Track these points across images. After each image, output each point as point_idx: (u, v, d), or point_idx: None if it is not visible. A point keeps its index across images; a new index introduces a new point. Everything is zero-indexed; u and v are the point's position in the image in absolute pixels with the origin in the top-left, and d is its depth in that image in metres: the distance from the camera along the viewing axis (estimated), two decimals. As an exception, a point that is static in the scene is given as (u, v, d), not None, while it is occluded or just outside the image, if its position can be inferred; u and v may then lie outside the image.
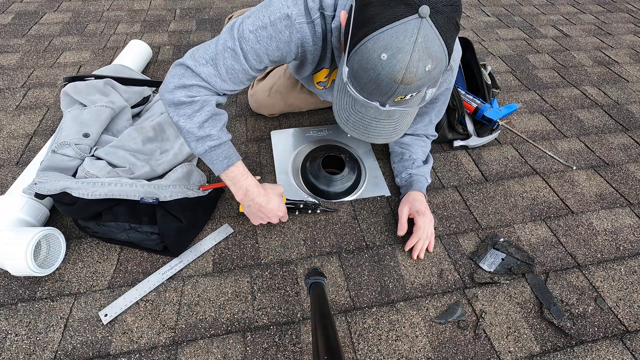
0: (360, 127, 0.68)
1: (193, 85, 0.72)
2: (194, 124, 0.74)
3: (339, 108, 0.69)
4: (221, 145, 0.77)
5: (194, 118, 0.73)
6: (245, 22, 0.71)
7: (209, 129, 0.75)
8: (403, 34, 0.52)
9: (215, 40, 0.74)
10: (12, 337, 0.72)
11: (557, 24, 1.98)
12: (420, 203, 0.92)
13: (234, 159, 0.79)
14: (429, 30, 0.52)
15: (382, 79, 0.56)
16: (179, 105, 0.73)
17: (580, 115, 1.36)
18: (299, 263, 0.87)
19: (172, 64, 0.75)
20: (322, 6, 0.70)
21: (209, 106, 0.75)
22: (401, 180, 1.01)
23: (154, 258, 0.86)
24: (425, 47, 0.53)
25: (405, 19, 0.52)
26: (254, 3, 1.99)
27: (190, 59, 0.74)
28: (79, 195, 0.80)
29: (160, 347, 0.72)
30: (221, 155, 0.78)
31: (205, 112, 0.74)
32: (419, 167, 1.00)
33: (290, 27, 0.70)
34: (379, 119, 0.66)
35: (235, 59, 0.72)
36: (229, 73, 0.73)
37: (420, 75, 0.55)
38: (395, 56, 0.53)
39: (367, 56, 0.55)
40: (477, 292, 0.84)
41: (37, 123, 1.18)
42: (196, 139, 0.75)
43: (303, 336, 0.75)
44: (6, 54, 1.49)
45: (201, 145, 0.76)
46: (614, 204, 1.05)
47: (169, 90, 0.73)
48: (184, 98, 0.72)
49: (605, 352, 0.75)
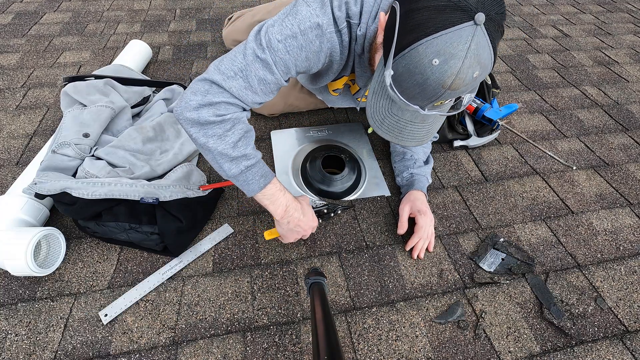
0: (394, 130, 0.68)
1: (220, 102, 0.66)
2: (228, 145, 0.67)
3: (374, 111, 0.68)
4: (257, 163, 0.72)
5: (226, 138, 0.67)
6: (270, 31, 0.66)
7: (243, 148, 0.69)
8: (457, 40, 0.52)
9: (241, 51, 0.67)
10: (12, 337, 0.72)
11: (557, 24, 1.98)
12: (422, 202, 0.92)
13: (270, 176, 0.74)
14: (482, 37, 0.52)
15: (429, 83, 0.56)
16: (206, 125, 0.66)
17: (580, 115, 1.36)
18: (299, 263, 0.87)
19: (193, 81, 0.68)
20: (348, 14, 0.68)
21: (241, 124, 0.69)
22: (402, 180, 1.01)
23: (154, 258, 0.86)
24: (476, 54, 0.53)
25: (460, 26, 0.51)
26: (254, 3, 1.99)
27: (216, 72, 0.66)
28: (79, 195, 0.80)
29: (160, 347, 0.72)
30: (257, 174, 0.72)
31: (238, 130, 0.68)
32: (420, 167, 1.00)
33: (321, 36, 0.68)
34: (414, 122, 0.66)
35: (267, 69, 0.67)
36: (261, 84, 0.68)
37: (467, 82, 0.56)
38: (447, 62, 0.53)
39: (417, 60, 0.55)
40: (477, 292, 0.84)
41: (37, 123, 1.18)
42: (230, 159, 0.69)
43: (303, 336, 0.75)
44: (6, 54, 1.49)
45: (236, 166, 0.69)
46: (614, 204, 1.05)
47: (192, 108, 0.65)
48: (212, 117, 0.65)
49: (605, 352, 0.75)
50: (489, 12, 0.52)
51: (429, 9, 0.53)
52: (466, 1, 0.51)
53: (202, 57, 1.55)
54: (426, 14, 0.53)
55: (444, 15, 0.52)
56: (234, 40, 1.44)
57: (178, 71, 1.46)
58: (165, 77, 1.43)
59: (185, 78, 1.42)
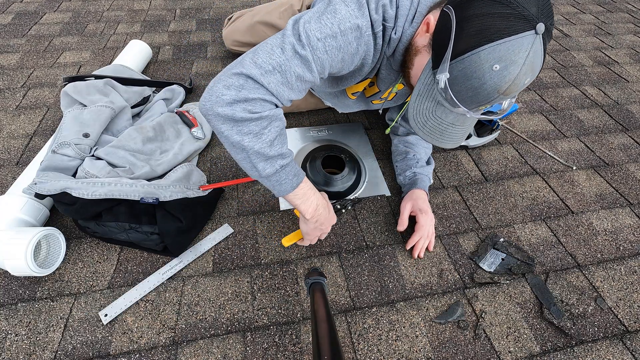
0: (436, 133, 0.70)
1: (256, 99, 0.61)
2: (264, 143, 0.64)
3: (417, 113, 0.69)
4: (291, 162, 0.70)
5: (263, 136, 0.64)
6: (308, 28, 0.62)
7: (279, 146, 0.66)
8: (519, 48, 0.54)
9: (278, 44, 0.63)
10: (12, 337, 0.72)
11: (557, 24, 1.98)
12: (423, 201, 0.92)
13: (301, 174, 0.72)
14: (539, 45, 0.55)
15: (485, 88, 0.58)
16: (241, 122, 0.62)
17: (580, 115, 1.36)
18: (299, 263, 0.87)
19: (224, 72, 0.63)
20: (385, 18, 0.68)
21: (277, 121, 0.66)
22: (404, 179, 1.01)
23: (154, 258, 0.86)
24: (532, 61, 0.56)
25: (523, 34, 0.53)
26: (254, 3, 1.99)
27: (252, 65, 0.61)
28: (79, 195, 0.80)
29: (160, 347, 0.72)
30: (290, 173, 0.70)
31: (274, 128, 0.65)
32: (423, 166, 1.00)
33: (359, 38, 0.66)
34: (455, 124, 0.68)
35: (306, 67, 0.63)
36: (298, 81, 0.64)
37: (520, 87, 0.58)
38: (507, 68, 0.55)
39: (477, 65, 0.56)
40: (477, 292, 0.84)
41: (37, 123, 1.18)
42: (265, 159, 0.66)
43: (303, 336, 0.75)
44: (6, 54, 1.49)
45: (271, 165, 0.66)
46: (614, 204, 1.05)
47: (226, 103, 0.61)
48: (247, 114, 0.61)
49: (605, 352, 0.75)
50: (547, 22, 0.54)
51: (492, 16, 0.55)
52: (528, 11, 0.53)
53: (202, 57, 1.55)
54: (489, 21, 0.55)
55: (509, 22, 0.54)
56: (234, 41, 1.44)
57: (178, 71, 1.46)
58: (165, 77, 1.43)
59: (185, 78, 1.42)
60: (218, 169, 1.07)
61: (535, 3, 0.54)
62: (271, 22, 1.26)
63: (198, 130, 1.09)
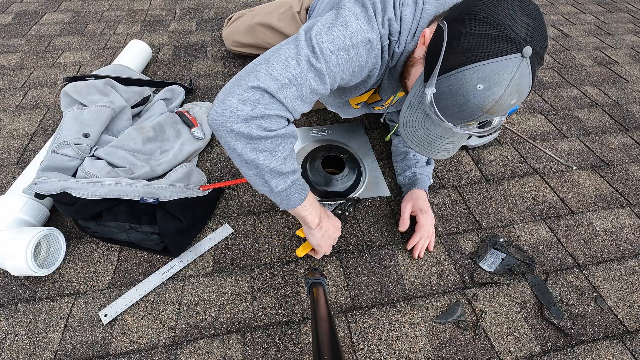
0: (424, 143, 0.70)
1: (272, 115, 0.59)
2: (279, 161, 0.63)
3: (407, 123, 0.70)
4: (300, 176, 0.69)
5: (277, 154, 0.62)
6: (320, 40, 0.61)
7: (291, 163, 0.66)
8: (503, 70, 0.54)
9: (293, 56, 0.60)
10: (12, 337, 0.72)
11: (557, 24, 1.98)
12: (423, 201, 0.92)
13: (307, 187, 0.73)
14: (525, 68, 0.55)
15: (469, 106, 0.58)
16: (256, 140, 0.59)
17: (580, 115, 1.36)
18: (299, 263, 0.87)
19: (237, 85, 0.59)
20: (390, 32, 0.68)
21: (291, 138, 0.64)
22: (404, 179, 1.01)
23: (154, 258, 0.86)
24: (518, 83, 0.55)
25: (508, 56, 0.54)
26: (254, 3, 1.99)
27: (268, 78, 0.58)
28: (79, 195, 0.80)
29: (160, 347, 0.72)
30: (299, 187, 0.70)
31: (288, 145, 0.64)
32: (423, 167, 1.01)
33: (369, 52, 0.66)
34: (444, 137, 0.68)
35: (320, 79, 0.62)
36: (312, 94, 0.63)
37: (505, 108, 0.58)
38: (491, 88, 0.55)
39: (462, 83, 0.57)
40: (477, 292, 0.84)
41: (37, 123, 1.18)
42: (279, 175, 0.65)
43: (303, 336, 0.75)
44: (6, 54, 1.49)
45: (283, 181, 0.65)
46: (614, 204, 1.05)
47: (242, 120, 0.57)
48: (263, 132, 0.59)
49: (605, 352, 0.75)
50: (535, 45, 0.54)
51: (480, 36, 0.55)
52: (517, 33, 0.53)
53: (202, 57, 1.55)
54: (477, 41, 0.55)
55: (495, 44, 0.54)
56: (234, 41, 1.44)
57: (178, 71, 1.46)
58: (165, 77, 1.43)
59: (185, 78, 1.42)
60: (218, 169, 1.07)
61: (525, 26, 0.54)
62: (270, 24, 1.27)
63: (198, 130, 1.09)
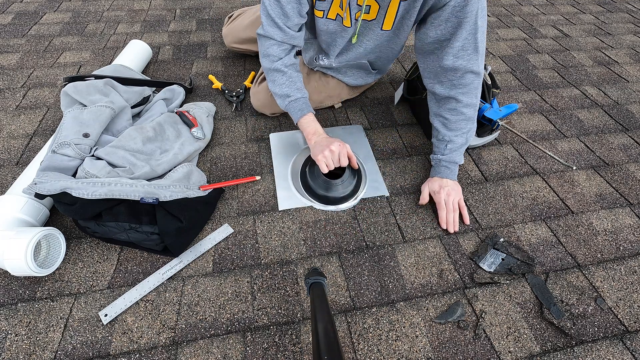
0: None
1: (272, 53, 1.00)
2: (276, 87, 1.04)
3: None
4: (298, 101, 1.02)
5: (275, 82, 1.03)
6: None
7: (286, 89, 1.02)
8: None
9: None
10: (12, 337, 0.72)
11: (557, 24, 1.98)
12: (437, 184, 0.99)
13: (305, 110, 1.02)
14: None
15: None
16: (268, 72, 1.04)
17: (580, 115, 1.36)
18: (299, 263, 0.87)
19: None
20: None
21: (279, 72, 1.01)
22: (432, 160, 1.06)
23: (154, 258, 0.86)
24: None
25: None
26: (254, 2, 1.99)
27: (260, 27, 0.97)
28: (79, 195, 0.80)
29: (160, 347, 0.72)
30: (296, 108, 1.02)
31: (281, 76, 1.01)
32: (450, 151, 1.00)
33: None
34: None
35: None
36: (288, 3, 0.89)
37: None
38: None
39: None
40: (477, 292, 0.84)
41: (37, 123, 1.18)
42: (278, 97, 1.04)
43: (303, 336, 0.75)
44: (6, 54, 1.49)
45: (282, 102, 1.03)
46: (614, 204, 1.05)
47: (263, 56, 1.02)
48: (269, 64, 1.00)
49: (605, 352, 0.75)
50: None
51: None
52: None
53: (202, 57, 1.55)
54: None
55: None
56: (235, 37, 1.44)
57: (178, 71, 1.46)
58: (165, 77, 1.43)
59: (185, 78, 1.42)
60: (218, 169, 1.07)
61: None
62: None
63: (198, 130, 1.09)
